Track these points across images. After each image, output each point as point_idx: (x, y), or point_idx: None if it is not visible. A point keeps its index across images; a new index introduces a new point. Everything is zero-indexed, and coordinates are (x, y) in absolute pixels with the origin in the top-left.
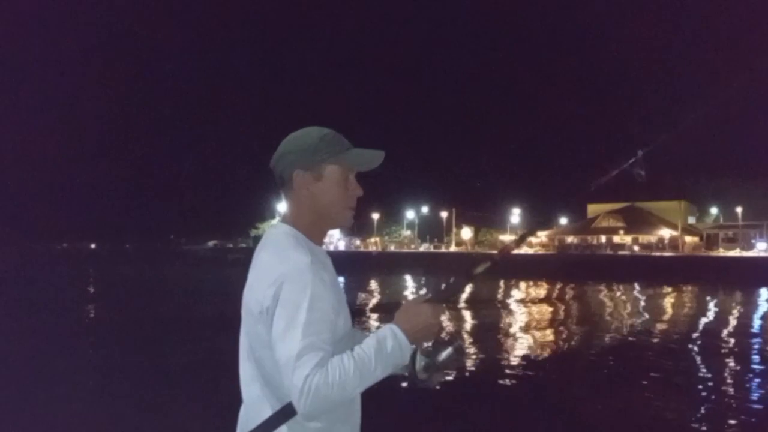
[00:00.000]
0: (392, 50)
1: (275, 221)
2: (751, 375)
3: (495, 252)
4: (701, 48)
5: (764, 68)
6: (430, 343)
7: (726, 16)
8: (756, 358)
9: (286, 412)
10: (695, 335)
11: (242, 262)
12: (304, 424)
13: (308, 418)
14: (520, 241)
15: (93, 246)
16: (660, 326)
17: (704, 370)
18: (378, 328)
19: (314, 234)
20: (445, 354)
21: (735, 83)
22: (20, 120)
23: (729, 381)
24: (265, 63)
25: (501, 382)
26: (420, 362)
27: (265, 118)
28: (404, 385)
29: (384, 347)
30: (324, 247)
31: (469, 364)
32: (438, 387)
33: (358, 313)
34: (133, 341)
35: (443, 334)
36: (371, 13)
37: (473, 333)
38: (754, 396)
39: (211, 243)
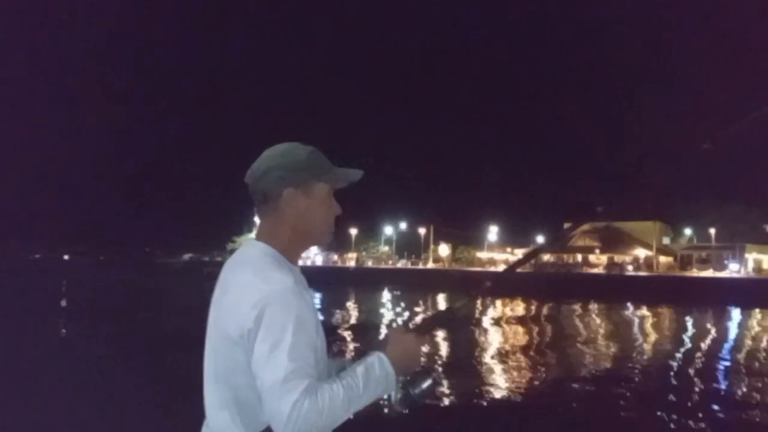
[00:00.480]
0: (373, 65)
1: (251, 236)
2: (724, 392)
3: (474, 291)
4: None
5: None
6: (407, 376)
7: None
8: (727, 376)
9: None
10: (672, 353)
11: (217, 275)
12: None
13: None
14: (517, 265)
15: (66, 257)
16: (636, 345)
17: (677, 387)
18: (361, 353)
19: (292, 253)
20: (425, 386)
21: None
22: None
23: (699, 396)
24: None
25: (475, 402)
26: (397, 394)
27: (239, 134)
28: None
29: (372, 375)
30: (300, 262)
31: (445, 389)
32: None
33: (331, 331)
34: (103, 358)
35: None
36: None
37: (447, 355)
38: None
39: (186, 256)
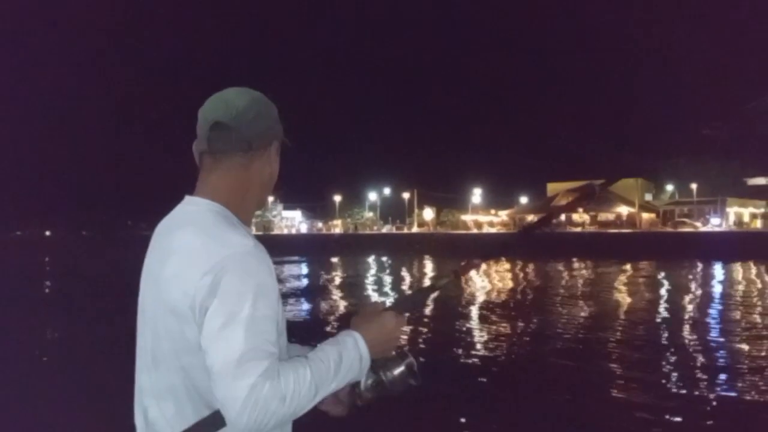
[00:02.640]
0: (358, 31)
1: (189, 198)
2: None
3: (456, 269)
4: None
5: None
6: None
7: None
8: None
9: (215, 423)
10: (653, 306)
11: None
12: None
13: None
14: (530, 229)
15: (48, 233)
16: (623, 300)
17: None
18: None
19: (247, 214)
20: (397, 372)
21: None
22: None
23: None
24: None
25: (462, 361)
26: (368, 379)
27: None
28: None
29: (345, 357)
30: (286, 230)
31: (428, 346)
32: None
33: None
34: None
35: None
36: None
37: (429, 316)
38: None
39: None
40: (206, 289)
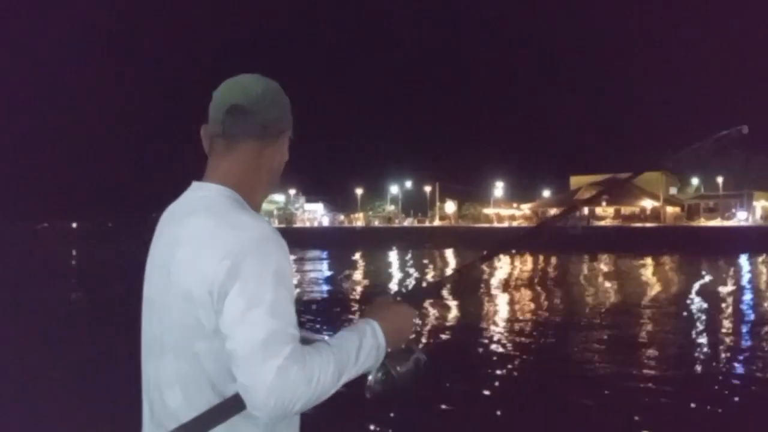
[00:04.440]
0: (374, 24)
1: (197, 183)
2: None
3: (461, 267)
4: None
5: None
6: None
7: None
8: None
9: (235, 407)
10: (682, 302)
11: None
12: (246, 425)
13: (273, 419)
14: (534, 231)
15: (74, 225)
16: (647, 294)
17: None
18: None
19: (254, 201)
20: (406, 366)
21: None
22: None
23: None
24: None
25: (481, 352)
26: (378, 371)
27: None
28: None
29: (364, 345)
30: (308, 223)
31: (449, 335)
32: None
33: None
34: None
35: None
36: None
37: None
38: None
39: None
40: (225, 273)
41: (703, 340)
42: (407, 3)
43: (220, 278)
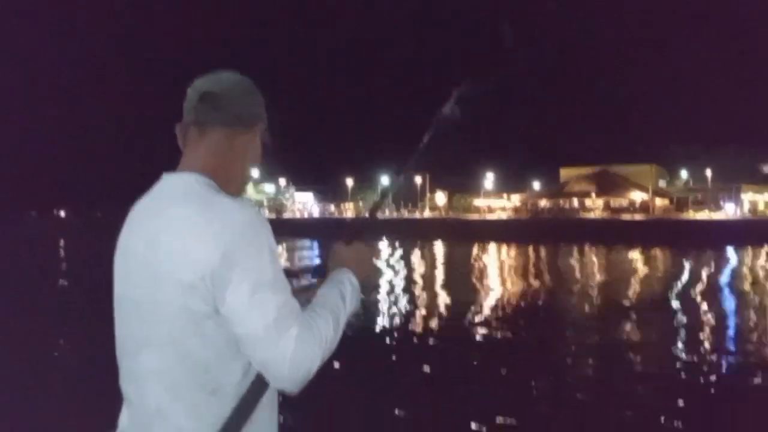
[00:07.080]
0: (366, 17)
1: (171, 174)
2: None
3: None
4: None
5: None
6: None
7: None
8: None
9: (260, 389)
10: (668, 294)
11: None
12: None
13: (299, 387)
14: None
15: (63, 214)
16: (632, 286)
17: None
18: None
19: (230, 189)
20: (363, 298)
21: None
22: None
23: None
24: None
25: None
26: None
27: None
28: None
29: (347, 292)
30: (298, 214)
31: (435, 323)
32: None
33: None
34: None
35: None
36: None
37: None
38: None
39: None
40: (219, 260)
41: (686, 333)
42: None
43: (214, 265)
